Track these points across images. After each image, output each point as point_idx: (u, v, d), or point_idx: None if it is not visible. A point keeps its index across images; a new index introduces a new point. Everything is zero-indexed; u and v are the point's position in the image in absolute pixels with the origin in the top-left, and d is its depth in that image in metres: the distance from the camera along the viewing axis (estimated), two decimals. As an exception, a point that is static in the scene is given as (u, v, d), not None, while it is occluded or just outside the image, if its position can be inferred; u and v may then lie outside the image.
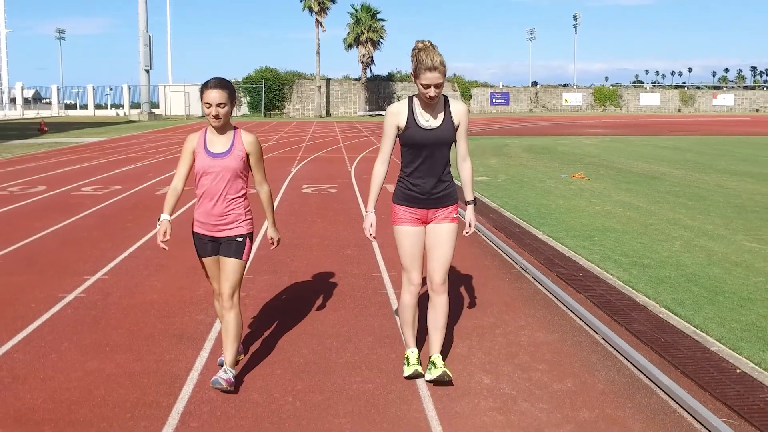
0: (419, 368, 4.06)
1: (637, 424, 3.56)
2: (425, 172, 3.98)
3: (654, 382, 4.07)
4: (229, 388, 3.79)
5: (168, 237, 3.88)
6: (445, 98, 3.99)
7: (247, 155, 3.98)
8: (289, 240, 8.09)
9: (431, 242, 4.09)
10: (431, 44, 3.80)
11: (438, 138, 3.92)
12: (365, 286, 6.14)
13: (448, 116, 3.96)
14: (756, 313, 5.32)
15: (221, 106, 3.82)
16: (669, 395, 3.89)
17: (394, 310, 5.35)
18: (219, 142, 3.94)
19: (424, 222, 4.08)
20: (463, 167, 4.19)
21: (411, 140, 3.93)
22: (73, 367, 4.27)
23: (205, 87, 3.84)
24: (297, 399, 3.83)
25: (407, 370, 4.08)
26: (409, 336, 4.19)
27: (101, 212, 10.09)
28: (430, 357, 4.06)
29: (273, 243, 4.25)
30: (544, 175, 15.00)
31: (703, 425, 3.54)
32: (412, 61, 3.84)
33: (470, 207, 4.18)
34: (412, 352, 4.15)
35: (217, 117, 3.83)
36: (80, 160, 18.58)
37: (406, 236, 4.06)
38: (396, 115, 3.96)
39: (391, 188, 4.48)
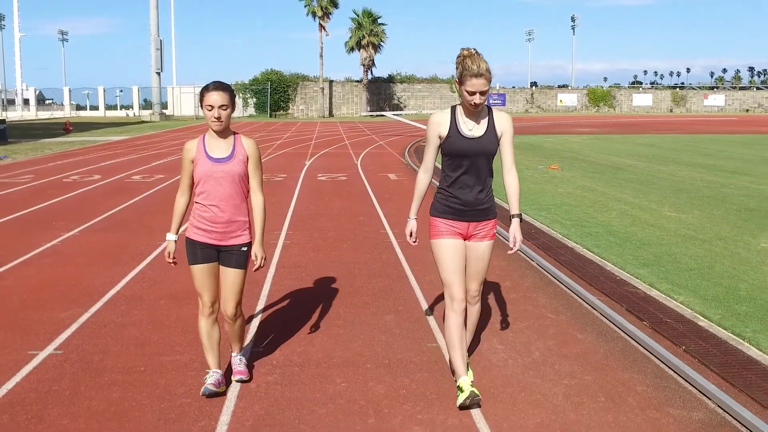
0: (475, 389, 3.74)
1: (543, 299, 5.91)
2: (467, 183, 3.86)
3: (561, 282, 6.42)
4: (247, 378, 4.12)
5: (174, 258, 4.05)
6: (489, 108, 3.90)
7: (247, 159, 3.94)
8: (314, 211, 10.47)
9: (469, 257, 3.99)
10: (476, 51, 3.72)
11: (481, 148, 3.81)
12: (375, 237, 8.51)
13: (491, 125, 3.85)
14: (647, 251, 7.67)
15: (223, 108, 3.77)
16: (569, 289, 6.24)
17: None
18: (219, 148, 3.88)
19: (464, 236, 3.95)
20: (509, 179, 4.00)
21: (453, 149, 3.82)
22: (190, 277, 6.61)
23: (205, 90, 3.80)
24: (337, 287, 6.19)
25: (462, 396, 3.71)
26: (459, 362, 3.85)
27: (158, 193, 12.45)
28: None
29: (256, 261, 3.99)
30: (523, 166, 17.35)
31: (584, 300, 5.88)
32: (456, 68, 3.75)
33: (515, 221, 3.97)
34: (464, 381, 3.77)
35: (219, 119, 3.77)
36: (116, 155, 20.94)
37: (447, 250, 3.89)
38: (438, 124, 3.86)
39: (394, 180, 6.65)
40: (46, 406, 3.81)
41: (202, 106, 3.81)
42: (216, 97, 3.77)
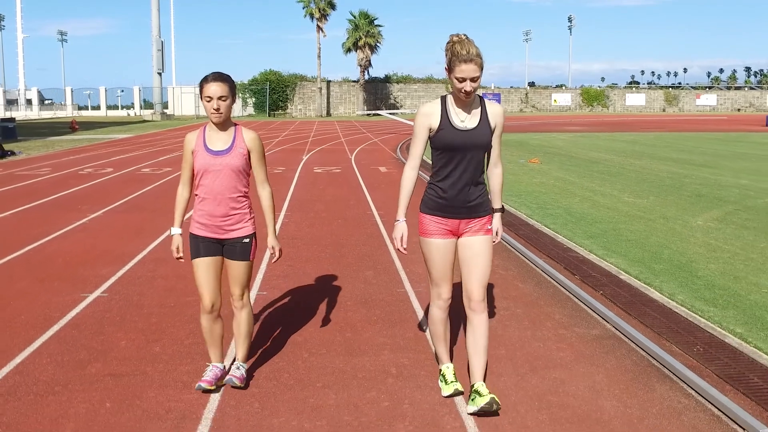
0: (458, 385, 3.79)
1: (497, 261, 7.12)
2: (458, 179, 3.65)
3: (515, 249, 7.65)
4: (241, 385, 3.90)
5: (181, 253, 4.00)
6: (481, 98, 3.74)
7: (249, 153, 3.88)
8: (310, 197, 11.71)
9: (465, 256, 3.76)
10: (466, 37, 3.53)
11: (474, 140, 3.62)
12: (362, 217, 9.74)
13: (484, 117, 3.66)
14: (596, 227, 8.90)
15: (223, 99, 3.71)
16: (520, 253, 7.47)
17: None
18: (219, 140, 3.83)
19: (455, 234, 3.76)
20: (494, 173, 3.89)
21: (444, 143, 3.63)
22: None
23: (204, 81, 3.73)
24: (327, 253, 7.41)
25: (446, 389, 3.79)
26: (443, 351, 3.91)
27: (170, 182, 13.67)
28: (472, 386, 3.72)
29: (274, 254, 4.04)
30: (506, 160, 18.58)
31: (529, 261, 7.11)
32: (446, 55, 3.56)
33: (497, 215, 3.91)
34: (447, 368, 3.87)
35: (218, 110, 3.71)
36: (123, 151, 22.14)
37: (436, 249, 3.75)
38: (428, 115, 3.67)
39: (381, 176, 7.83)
40: (102, 326, 5.03)
41: (201, 97, 3.76)
42: (215, 88, 3.71)
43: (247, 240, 3.93)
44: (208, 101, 3.72)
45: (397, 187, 4.04)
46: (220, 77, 3.75)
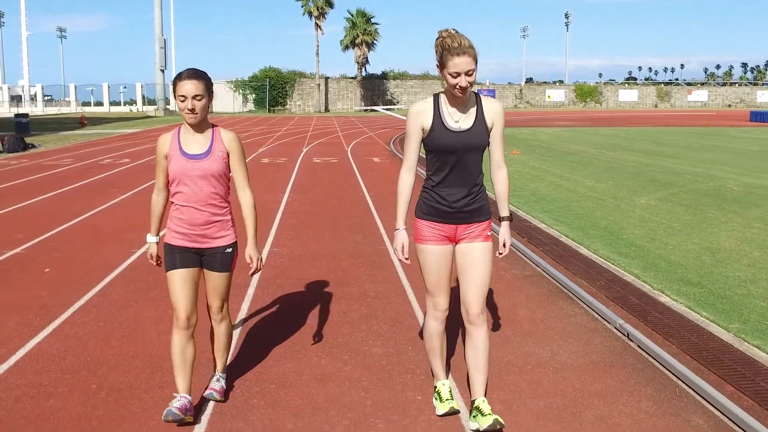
0: (454, 404, 3.62)
1: (464, 229, 8.74)
2: (454, 182, 3.50)
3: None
4: (221, 399, 3.77)
5: (157, 259, 3.83)
6: (477, 95, 3.54)
7: (228, 155, 3.61)
8: (310, 182, 13.31)
9: (463, 264, 3.58)
10: (456, 31, 3.36)
11: (469, 142, 3.43)
12: (355, 198, 11.34)
13: (480, 116, 3.47)
14: (553, 205, 10.50)
15: (197, 98, 3.45)
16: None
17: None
18: (196, 143, 3.56)
19: (453, 240, 3.59)
20: (498, 177, 3.69)
21: (437, 145, 3.44)
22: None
23: (178, 79, 3.46)
24: (324, 223, 9.00)
25: (440, 407, 3.62)
26: (438, 367, 3.75)
27: (183, 171, 15.26)
28: (473, 402, 3.57)
29: (251, 264, 3.71)
30: (486, 151, 20.17)
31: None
32: (436, 51, 3.37)
33: (505, 224, 3.70)
34: (443, 385, 3.71)
35: (192, 111, 3.45)
36: (135, 144, 23.72)
37: (431, 257, 3.55)
38: (419, 114, 3.46)
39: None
40: (153, 269, 6.61)
41: (174, 96, 3.49)
42: (189, 87, 3.44)
43: (229, 250, 3.70)
44: (182, 101, 3.46)
45: (388, 175, 5.40)
46: (195, 74, 3.49)
